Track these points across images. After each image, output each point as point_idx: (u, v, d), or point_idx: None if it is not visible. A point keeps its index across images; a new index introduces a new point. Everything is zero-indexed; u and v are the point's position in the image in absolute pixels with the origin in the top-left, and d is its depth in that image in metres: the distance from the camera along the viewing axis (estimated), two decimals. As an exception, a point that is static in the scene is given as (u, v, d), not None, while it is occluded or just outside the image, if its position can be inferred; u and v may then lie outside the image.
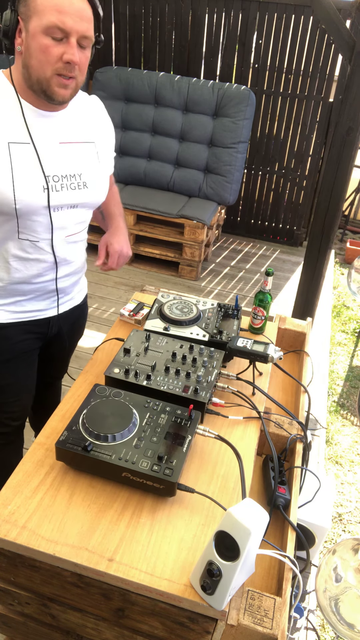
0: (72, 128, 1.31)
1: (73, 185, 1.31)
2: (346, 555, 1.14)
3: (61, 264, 1.40)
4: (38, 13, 1.08)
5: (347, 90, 2.21)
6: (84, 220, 1.42)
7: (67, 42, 1.11)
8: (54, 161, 1.27)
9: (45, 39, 1.09)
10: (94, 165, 1.37)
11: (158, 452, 1.09)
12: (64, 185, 1.29)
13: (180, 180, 4.10)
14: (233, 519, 0.85)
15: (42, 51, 1.10)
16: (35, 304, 1.44)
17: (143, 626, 1.05)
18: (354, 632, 1.07)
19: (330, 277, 4.37)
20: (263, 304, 1.61)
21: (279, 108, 4.17)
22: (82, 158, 1.33)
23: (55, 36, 1.09)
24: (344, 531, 2.36)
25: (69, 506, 1.06)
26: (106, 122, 1.45)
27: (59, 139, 1.27)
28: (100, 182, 1.39)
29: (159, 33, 4.09)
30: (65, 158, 1.29)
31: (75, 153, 1.31)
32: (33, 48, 1.10)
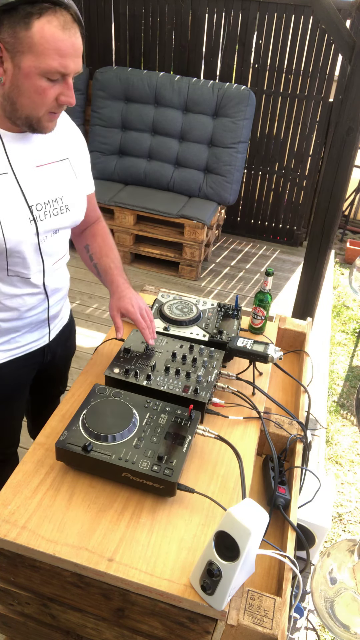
0: (46, 147, 1.20)
1: (56, 210, 1.22)
2: (342, 556, 1.14)
3: (53, 292, 1.34)
4: (36, 53, 0.97)
5: (347, 90, 2.21)
6: (66, 240, 1.35)
7: (64, 82, 1.04)
8: (35, 188, 1.17)
9: (42, 80, 1.00)
10: (73, 183, 1.27)
11: (158, 452, 1.09)
12: (47, 212, 1.20)
13: (180, 180, 4.10)
14: (233, 519, 0.85)
15: (37, 93, 1.02)
16: (28, 336, 1.37)
17: (143, 626, 1.05)
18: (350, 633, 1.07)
19: (330, 277, 4.37)
20: (263, 304, 1.61)
21: (279, 108, 4.17)
22: (61, 178, 1.23)
23: (53, 78, 1.01)
24: (344, 531, 2.36)
25: (69, 506, 1.06)
26: (75, 132, 1.32)
27: (35, 163, 1.17)
28: (81, 201, 1.30)
29: (159, 33, 4.09)
30: (45, 182, 1.19)
31: (53, 175, 1.21)
32: (25, 87, 1.01)
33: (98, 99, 4.08)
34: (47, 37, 0.96)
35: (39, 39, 0.96)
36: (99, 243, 1.47)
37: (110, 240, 1.49)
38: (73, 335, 1.66)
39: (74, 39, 1.00)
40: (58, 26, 0.96)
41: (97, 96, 4.09)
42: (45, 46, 0.97)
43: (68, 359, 1.68)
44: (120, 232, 3.97)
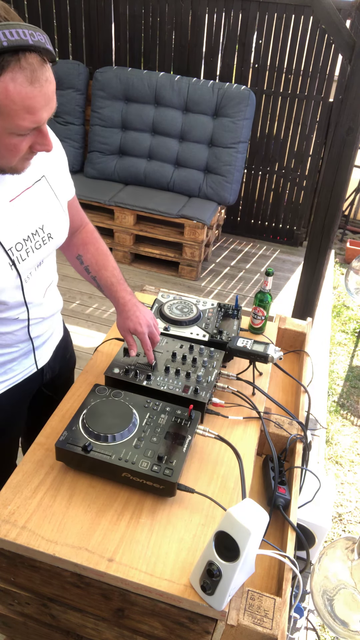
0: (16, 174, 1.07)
1: (38, 243, 1.12)
2: (341, 554, 1.14)
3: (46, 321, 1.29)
4: (2, 115, 0.85)
5: (347, 90, 2.21)
6: (52, 266, 1.27)
7: (39, 131, 0.93)
8: (11, 227, 1.06)
9: (12, 138, 0.89)
10: (52, 204, 1.16)
11: (158, 452, 1.09)
12: (29, 249, 1.10)
13: (180, 180, 4.10)
14: (233, 519, 0.85)
15: (9, 150, 0.92)
16: (24, 362, 1.31)
17: (143, 626, 1.05)
18: (349, 630, 1.08)
19: (330, 277, 4.37)
20: (263, 304, 1.61)
21: (279, 108, 4.17)
22: (39, 204, 1.12)
23: (24, 133, 0.90)
24: (344, 531, 2.36)
25: (69, 506, 1.06)
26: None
27: (7, 197, 1.05)
28: (62, 221, 1.21)
29: (159, 33, 4.08)
30: (22, 216, 1.08)
31: (30, 203, 1.10)
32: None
33: (98, 99, 4.08)
34: (14, 99, 0.83)
35: (3, 100, 0.83)
36: (92, 253, 1.37)
37: (103, 246, 1.40)
38: (70, 346, 1.59)
39: (44, 89, 0.86)
40: (25, 82, 0.82)
41: (97, 96, 4.09)
42: (13, 107, 0.84)
43: (70, 371, 1.61)
44: (120, 232, 3.97)
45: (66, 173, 1.26)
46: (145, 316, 1.33)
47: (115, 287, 1.35)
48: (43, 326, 1.30)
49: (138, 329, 1.31)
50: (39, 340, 1.32)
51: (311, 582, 1.15)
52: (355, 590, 1.08)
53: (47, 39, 0.86)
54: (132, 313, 1.33)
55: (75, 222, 1.37)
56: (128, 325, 1.33)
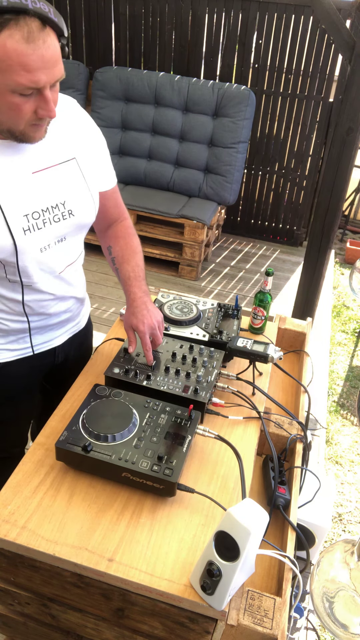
0: (45, 150, 1.14)
1: (57, 217, 1.17)
2: (340, 556, 1.14)
3: (64, 299, 1.32)
4: (1, 70, 0.90)
5: (347, 90, 2.21)
6: (79, 244, 1.31)
7: (40, 95, 0.97)
8: (28, 196, 1.11)
9: (14, 97, 0.94)
10: (79, 185, 1.21)
11: (158, 452, 1.09)
12: (47, 220, 1.15)
13: (180, 180, 4.10)
14: (233, 519, 0.85)
15: (12, 110, 0.97)
16: (38, 337, 1.36)
17: (143, 626, 1.05)
18: (348, 633, 1.08)
19: (330, 277, 4.37)
20: (263, 304, 1.61)
21: (279, 108, 4.17)
22: (63, 182, 1.17)
23: (26, 93, 0.95)
24: (344, 531, 2.36)
25: (69, 506, 1.06)
26: (87, 126, 1.26)
27: (31, 169, 1.11)
28: (88, 203, 1.24)
29: (159, 33, 4.08)
30: (43, 188, 1.14)
31: (54, 179, 1.16)
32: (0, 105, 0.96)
33: (98, 99, 4.08)
34: (10, 54, 0.89)
35: (1, 55, 0.89)
36: (121, 246, 1.41)
37: (133, 243, 1.43)
38: (89, 339, 1.62)
39: (42, 50, 0.91)
40: (21, 40, 0.88)
41: (97, 96, 4.09)
42: (9, 62, 0.90)
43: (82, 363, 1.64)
44: (120, 232, 3.97)
45: (103, 163, 1.32)
46: (151, 317, 1.33)
47: (131, 281, 1.36)
48: (60, 305, 1.33)
49: (139, 327, 1.31)
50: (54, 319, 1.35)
51: (311, 584, 1.14)
52: (355, 593, 1.08)
53: (53, 11, 0.92)
54: (138, 310, 1.33)
55: (113, 214, 1.42)
56: (131, 321, 1.33)
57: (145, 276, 1.41)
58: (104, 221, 1.43)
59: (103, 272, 3.89)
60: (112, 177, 1.36)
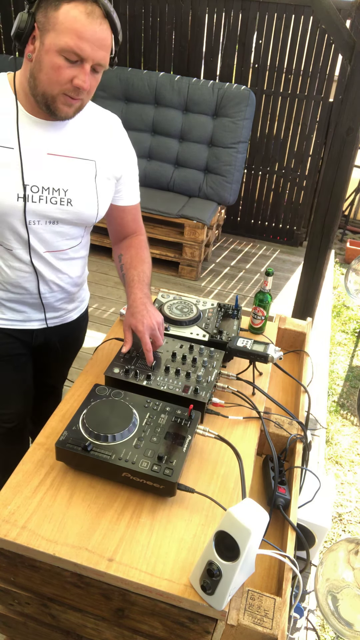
0: (69, 142, 1.25)
1: (54, 199, 1.25)
2: (344, 554, 1.14)
3: (44, 279, 1.36)
4: (57, 30, 1.04)
5: (347, 90, 2.21)
6: (73, 237, 1.36)
7: (81, 67, 1.08)
8: (37, 171, 1.21)
9: (59, 58, 1.06)
10: (87, 184, 1.29)
11: (158, 452, 1.09)
12: (43, 198, 1.23)
13: (180, 180, 4.10)
14: (233, 519, 0.85)
15: (53, 70, 1.07)
16: (15, 314, 1.41)
17: (143, 626, 1.05)
18: (353, 630, 1.08)
19: (330, 277, 4.37)
20: (263, 304, 1.61)
21: (279, 108, 4.17)
22: (73, 174, 1.26)
23: (70, 59, 1.06)
24: (344, 531, 2.36)
25: (69, 506, 1.06)
26: (120, 144, 1.36)
27: (47, 150, 1.22)
28: (91, 202, 1.31)
29: (159, 33, 4.08)
30: (51, 170, 1.23)
31: (64, 167, 1.25)
32: (45, 63, 1.07)
33: (98, 99, 4.08)
34: (69, 18, 1.03)
35: (62, 18, 1.03)
36: (131, 254, 1.46)
37: (143, 253, 1.48)
38: (78, 332, 1.66)
39: (96, 28, 1.04)
40: (83, 12, 1.03)
41: (97, 96, 4.09)
42: (66, 25, 1.03)
43: (69, 352, 1.69)
44: (120, 232, 3.97)
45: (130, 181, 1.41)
46: (151, 317, 1.34)
47: (134, 284, 1.40)
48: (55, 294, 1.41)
49: (138, 327, 1.32)
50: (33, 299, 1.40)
51: (315, 583, 1.15)
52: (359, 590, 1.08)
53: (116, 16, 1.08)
54: (137, 311, 1.34)
55: (130, 227, 1.51)
56: (130, 322, 1.34)
57: (150, 283, 1.44)
58: (121, 233, 1.52)
59: (103, 272, 3.89)
60: (136, 196, 1.46)
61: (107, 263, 3.94)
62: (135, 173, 1.44)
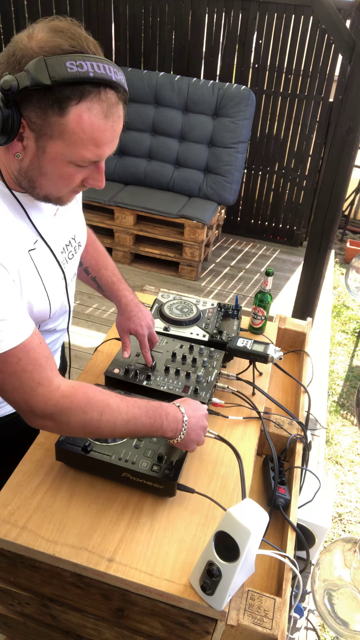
0: None
1: (71, 254, 1.14)
2: (341, 554, 1.15)
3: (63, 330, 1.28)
4: (68, 142, 0.83)
5: (347, 90, 2.21)
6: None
7: (95, 167, 0.92)
8: (55, 239, 1.07)
9: (70, 167, 0.88)
10: (78, 212, 1.18)
11: (158, 452, 1.09)
12: (64, 260, 1.11)
13: (180, 180, 4.10)
14: (233, 519, 0.85)
15: (62, 179, 0.90)
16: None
17: (143, 626, 1.05)
18: (349, 630, 1.08)
19: (330, 277, 4.37)
20: (263, 304, 1.61)
21: (279, 108, 4.16)
22: (70, 215, 1.14)
23: (83, 165, 0.89)
24: (344, 531, 2.36)
25: (69, 506, 1.06)
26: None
27: (52, 212, 1.06)
28: (85, 228, 1.23)
29: (159, 33, 4.08)
30: (61, 228, 1.10)
31: (64, 216, 1.11)
32: (49, 171, 0.88)
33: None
34: (84, 128, 0.82)
35: (74, 127, 0.82)
36: (91, 254, 1.36)
37: (101, 247, 1.39)
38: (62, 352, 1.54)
39: (116, 125, 0.86)
40: (100, 114, 0.82)
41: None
42: (81, 136, 0.83)
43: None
44: (120, 232, 3.97)
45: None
46: (146, 318, 1.34)
47: (117, 285, 1.35)
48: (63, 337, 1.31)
49: (139, 331, 1.31)
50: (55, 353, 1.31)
51: (312, 583, 1.15)
52: (356, 591, 1.08)
53: (124, 79, 0.87)
54: (134, 314, 1.33)
55: None
56: (129, 326, 1.33)
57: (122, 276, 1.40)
58: None
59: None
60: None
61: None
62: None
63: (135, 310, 1.33)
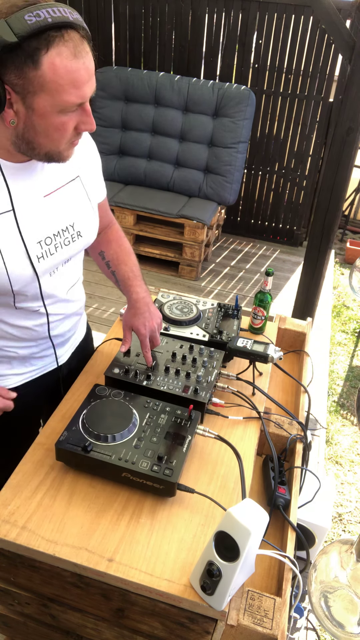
0: (53, 171, 1.12)
1: (67, 240, 1.16)
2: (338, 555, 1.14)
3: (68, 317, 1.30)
4: (50, 91, 0.88)
5: (347, 90, 2.21)
6: (79, 263, 1.30)
7: (82, 110, 0.95)
8: (43, 221, 1.10)
9: (60, 116, 0.93)
10: (84, 204, 1.20)
11: (158, 452, 1.09)
12: (58, 244, 1.14)
13: (180, 180, 4.10)
14: (233, 519, 0.85)
15: (57, 130, 0.94)
16: (46, 359, 1.33)
17: (143, 626, 1.05)
18: (346, 632, 1.08)
19: (330, 277, 4.37)
20: (263, 304, 1.61)
21: (279, 108, 4.16)
22: (71, 202, 1.16)
23: (71, 111, 0.93)
24: (344, 531, 2.36)
25: (69, 506, 1.06)
26: (86, 141, 1.24)
27: (42, 192, 1.09)
28: (93, 221, 1.24)
29: (159, 33, 4.08)
30: (54, 212, 1.12)
31: (63, 201, 1.14)
32: (43, 127, 0.93)
33: (98, 98, 4.08)
34: (60, 73, 0.87)
35: (51, 76, 0.87)
36: (114, 249, 1.40)
37: (126, 244, 1.43)
38: (90, 345, 1.59)
39: (87, 62, 0.90)
40: (70, 56, 0.87)
41: (97, 96, 4.08)
42: (60, 82, 0.87)
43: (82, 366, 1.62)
44: (120, 232, 3.97)
45: (99, 175, 1.30)
46: (153, 319, 1.33)
47: (132, 281, 1.37)
48: (65, 324, 1.32)
49: (140, 330, 1.31)
50: (60, 338, 1.34)
51: (309, 584, 1.15)
52: (352, 592, 1.08)
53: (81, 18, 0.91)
54: (141, 312, 1.33)
55: (104, 222, 1.40)
56: (132, 322, 1.33)
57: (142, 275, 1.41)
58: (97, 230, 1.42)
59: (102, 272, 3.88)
60: (104, 189, 1.35)
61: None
62: (100, 166, 1.32)
63: (143, 309, 1.33)
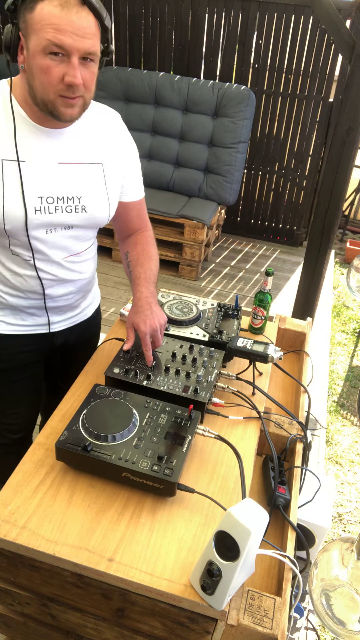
0: (77, 147, 1.24)
1: (69, 208, 1.25)
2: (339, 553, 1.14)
3: (62, 283, 1.36)
4: (36, 31, 1.01)
5: (347, 90, 2.21)
6: (87, 239, 1.37)
7: (69, 62, 1.04)
8: (50, 182, 1.21)
9: (45, 59, 1.03)
10: (99, 188, 1.29)
11: (158, 452, 1.09)
12: (59, 208, 1.23)
13: (180, 180, 4.10)
14: (233, 519, 0.85)
15: (43, 72, 1.04)
16: (36, 318, 1.40)
17: (143, 626, 1.05)
18: (346, 629, 1.08)
19: (330, 277, 4.37)
20: (263, 304, 1.61)
21: (279, 108, 4.17)
22: (84, 180, 1.26)
23: (54, 52, 1.02)
24: (343, 531, 2.36)
25: (69, 506, 1.06)
26: (123, 140, 1.37)
27: (58, 159, 1.21)
28: (103, 206, 1.32)
29: (159, 33, 4.08)
30: (64, 179, 1.23)
31: (76, 175, 1.25)
32: (34, 68, 1.05)
33: (98, 99, 4.06)
34: (43, 15, 1.00)
35: (38, 17, 1.00)
36: (138, 251, 1.46)
37: (151, 250, 1.47)
38: (94, 329, 1.65)
39: (72, 17, 1.00)
40: (57, 6, 0.99)
41: (97, 96, 4.05)
42: (42, 23, 1.00)
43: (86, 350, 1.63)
44: (120, 232, 3.97)
45: (133, 176, 1.41)
46: (154, 318, 1.34)
47: (140, 281, 1.40)
48: (59, 289, 1.37)
49: (140, 327, 1.32)
50: (53, 302, 1.39)
51: (309, 581, 1.15)
52: (353, 590, 1.08)
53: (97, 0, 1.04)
54: (142, 310, 1.34)
55: (135, 224, 1.49)
56: (134, 320, 1.34)
57: (156, 281, 1.43)
58: (126, 230, 1.50)
59: (103, 272, 3.88)
60: (140, 190, 1.45)
61: (107, 263, 3.94)
62: (138, 168, 1.43)
63: (145, 308, 1.34)
